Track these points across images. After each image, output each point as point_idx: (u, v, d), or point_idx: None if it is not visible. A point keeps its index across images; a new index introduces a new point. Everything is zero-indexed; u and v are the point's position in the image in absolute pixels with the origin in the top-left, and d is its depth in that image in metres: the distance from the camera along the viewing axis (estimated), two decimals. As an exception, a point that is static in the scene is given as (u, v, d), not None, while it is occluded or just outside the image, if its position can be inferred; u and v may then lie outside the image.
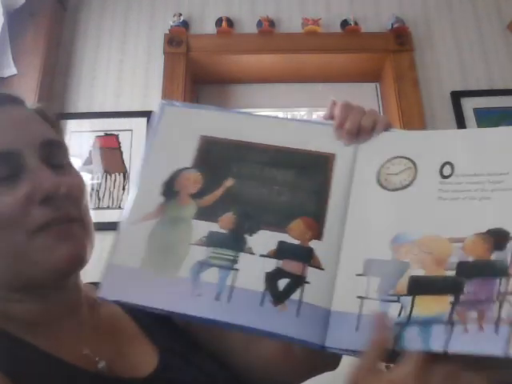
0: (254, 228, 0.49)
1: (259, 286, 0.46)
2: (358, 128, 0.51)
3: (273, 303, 0.45)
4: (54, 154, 0.49)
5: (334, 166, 0.51)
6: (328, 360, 0.58)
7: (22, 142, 0.46)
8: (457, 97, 1.58)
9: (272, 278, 0.47)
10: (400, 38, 1.65)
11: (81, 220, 0.48)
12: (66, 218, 0.46)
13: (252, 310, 0.45)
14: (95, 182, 1.48)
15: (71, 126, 1.55)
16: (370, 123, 0.52)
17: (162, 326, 0.57)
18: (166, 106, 0.57)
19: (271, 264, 0.47)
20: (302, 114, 1.77)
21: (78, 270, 0.48)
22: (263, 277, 0.47)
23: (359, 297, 0.45)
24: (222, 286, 0.46)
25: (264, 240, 0.48)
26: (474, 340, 0.39)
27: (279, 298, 0.45)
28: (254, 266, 0.47)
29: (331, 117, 0.53)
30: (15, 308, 0.46)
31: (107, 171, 1.50)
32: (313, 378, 0.60)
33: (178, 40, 1.64)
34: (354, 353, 0.43)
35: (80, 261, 0.47)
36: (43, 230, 0.44)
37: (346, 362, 0.54)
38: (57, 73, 1.63)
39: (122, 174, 1.50)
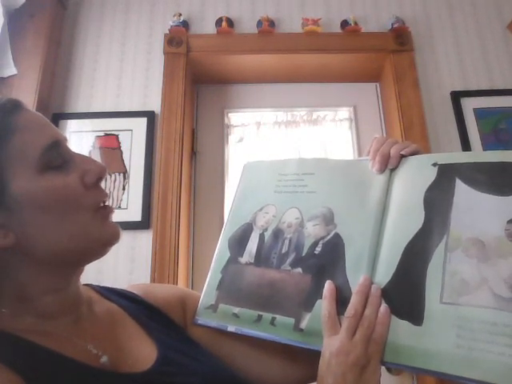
0: None
1: None
2: (387, 157, 0.59)
3: None
4: None
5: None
6: None
7: (59, 133, 0.52)
8: (457, 97, 1.58)
9: None
10: (400, 37, 1.65)
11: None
12: (107, 198, 0.54)
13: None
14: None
15: (71, 126, 1.55)
16: (399, 150, 0.58)
17: (158, 323, 0.58)
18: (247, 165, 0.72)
19: None
20: (302, 113, 1.78)
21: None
22: None
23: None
24: None
25: None
26: None
27: None
28: None
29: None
30: (40, 300, 0.48)
31: (107, 171, 1.49)
32: None
33: (178, 40, 1.64)
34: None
35: (121, 233, 0.53)
36: (99, 210, 0.51)
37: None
38: (57, 73, 1.63)
39: (121, 174, 1.50)
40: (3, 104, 0.49)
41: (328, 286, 0.53)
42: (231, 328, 0.58)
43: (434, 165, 0.55)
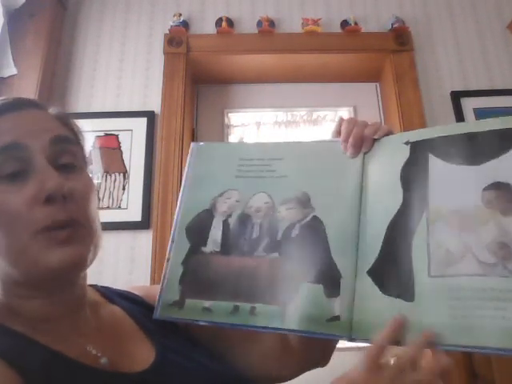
0: None
1: None
2: (361, 140, 0.57)
3: None
4: (65, 152, 0.49)
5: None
6: (320, 356, 0.62)
7: (31, 138, 0.46)
8: (457, 97, 1.58)
9: None
10: (400, 37, 1.65)
11: (84, 224, 0.48)
12: (68, 221, 0.46)
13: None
14: (95, 182, 1.48)
15: (71, 126, 1.55)
16: (372, 133, 0.57)
17: (159, 325, 0.58)
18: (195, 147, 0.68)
19: None
20: (302, 113, 1.78)
21: (75, 273, 0.49)
22: None
23: None
24: None
25: None
26: None
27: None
28: None
29: (339, 133, 0.59)
30: (23, 304, 0.47)
31: (107, 171, 1.50)
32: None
33: (178, 40, 1.64)
34: None
35: (77, 266, 0.47)
36: (44, 232, 0.45)
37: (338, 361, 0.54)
38: (57, 73, 1.63)
39: (121, 174, 1.50)
40: None
41: (398, 317, 0.47)
42: (203, 322, 0.55)
43: (407, 143, 0.56)
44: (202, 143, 0.68)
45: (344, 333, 0.48)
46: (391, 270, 0.49)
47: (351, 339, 0.48)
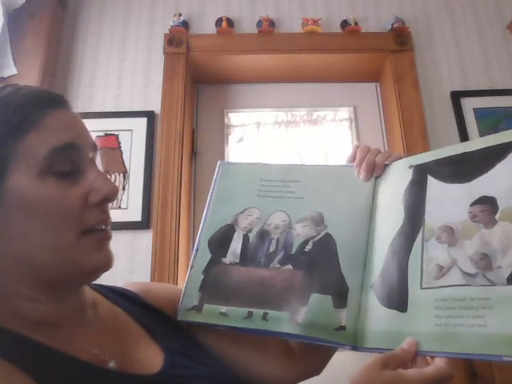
0: None
1: None
2: (372, 166, 0.61)
3: None
4: (97, 156, 0.52)
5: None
6: (319, 364, 0.63)
7: (82, 139, 0.49)
8: (457, 97, 1.59)
9: None
10: (400, 37, 1.65)
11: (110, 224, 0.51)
12: (108, 222, 0.49)
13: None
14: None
15: (71, 126, 1.55)
16: (383, 160, 0.61)
17: (161, 325, 0.57)
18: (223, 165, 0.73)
19: None
20: (302, 113, 1.78)
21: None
22: None
23: None
24: None
25: None
26: None
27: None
28: None
29: (354, 159, 0.65)
30: (29, 308, 0.46)
31: (107, 171, 1.50)
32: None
33: (178, 40, 1.64)
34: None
35: (112, 263, 0.49)
36: (90, 233, 0.47)
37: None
38: (57, 73, 1.63)
39: (121, 174, 1.50)
40: (39, 97, 0.47)
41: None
42: (221, 327, 0.57)
43: (410, 167, 0.60)
44: (227, 162, 0.74)
45: (349, 342, 0.51)
46: (390, 284, 0.53)
47: (354, 348, 0.51)
